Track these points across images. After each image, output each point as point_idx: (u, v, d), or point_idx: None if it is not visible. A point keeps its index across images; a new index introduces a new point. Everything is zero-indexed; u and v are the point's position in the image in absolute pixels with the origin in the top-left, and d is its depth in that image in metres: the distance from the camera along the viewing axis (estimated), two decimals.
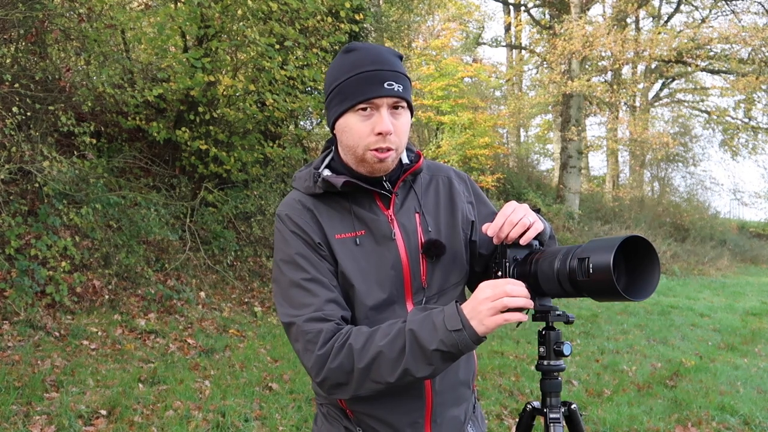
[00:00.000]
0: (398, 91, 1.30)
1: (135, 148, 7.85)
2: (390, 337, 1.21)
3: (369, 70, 1.29)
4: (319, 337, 1.24)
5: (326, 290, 1.30)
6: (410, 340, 1.20)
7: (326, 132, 10.34)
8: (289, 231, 1.35)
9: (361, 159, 1.33)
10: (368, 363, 1.21)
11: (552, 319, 1.32)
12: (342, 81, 1.31)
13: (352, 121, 1.31)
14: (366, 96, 1.28)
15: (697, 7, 20.34)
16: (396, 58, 1.35)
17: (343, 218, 1.36)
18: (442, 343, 1.18)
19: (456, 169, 1.56)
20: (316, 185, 1.36)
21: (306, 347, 1.26)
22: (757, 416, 4.50)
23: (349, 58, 1.32)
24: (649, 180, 23.78)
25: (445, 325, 1.18)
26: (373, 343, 1.22)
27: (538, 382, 1.37)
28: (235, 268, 7.73)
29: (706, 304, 10.66)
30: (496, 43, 23.95)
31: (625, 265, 1.22)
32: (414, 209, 1.41)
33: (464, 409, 1.45)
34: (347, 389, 1.25)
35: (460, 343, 1.18)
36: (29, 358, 4.56)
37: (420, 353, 1.19)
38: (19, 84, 5.77)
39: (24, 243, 5.47)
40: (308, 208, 1.36)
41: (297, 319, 1.27)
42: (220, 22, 7.08)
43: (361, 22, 8.57)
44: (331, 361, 1.23)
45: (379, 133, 1.29)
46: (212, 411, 4.04)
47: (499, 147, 17.29)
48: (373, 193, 1.38)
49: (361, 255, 1.34)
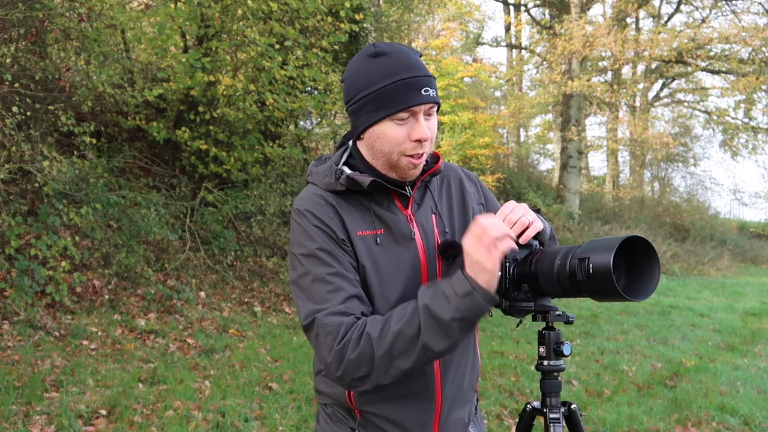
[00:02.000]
0: (434, 97, 1.30)
1: (135, 148, 7.86)
2: (406, 317, 1.21)
3: (407, 78, 1.28)
4: (339, 330, 1.23)
5: (350, 285, 1.29)
6: (425, 315, 1.19)
7: (326, 132, 10.34)
8: (312, 225, 1.32)
9: (395, 165, 1.33)
10: (388, 348, 1.20)
11: (552, 319, 1.32)
12: (377, 89, 1.28)
13: (388, 129, 1.29)
14: (407, 104, 1.27)
15: (697, 7, 20.33)
16: (420, 58, 1.35)
17: (364, 216, 1.35)
18: (457, 310, 1.17)
19: (465, 169, 1.57)
20: (338, 182, 1.34)
21: (325, 341, 1.24)
22: (757, 416, 4.50)
23: (381, 63, 1.30)
24: (649, 180, 23.79)
25: (455, 292, 1.18)
26: (389, 328, 1.21)
27: (538, 382, 1.37)
28: (235, 268, 7.73)
29: (706, 304, 10.66)
30: (496, 43, 23.97)
31: (625, 265, 1.22)
32: (431, 209, 1.42)
33: (468, 410, 1.46)
34: (369, 379, 1.23)
35: (474, 306, 1.17)
36: (29, 358, 4.56)
37: (437, 326, 1.18)
38: (19, 84, 5.77)
39: (24, 243, 5.47)
40: (330, 204, 1.34)
41: (319, 314, 1.25)
42: (220, 22, 7.08)
43: (361, 22, 8.57)
44: (350, 352, 1.21)
45: (417, 140, 1.29)
46: (212, 411, 4.04)
47: (499, 147, 17.29)
48: (392, 192, 1.38)
49: (381, 254, 1.33)
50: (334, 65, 8.74)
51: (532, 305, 1.33)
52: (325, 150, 11.21)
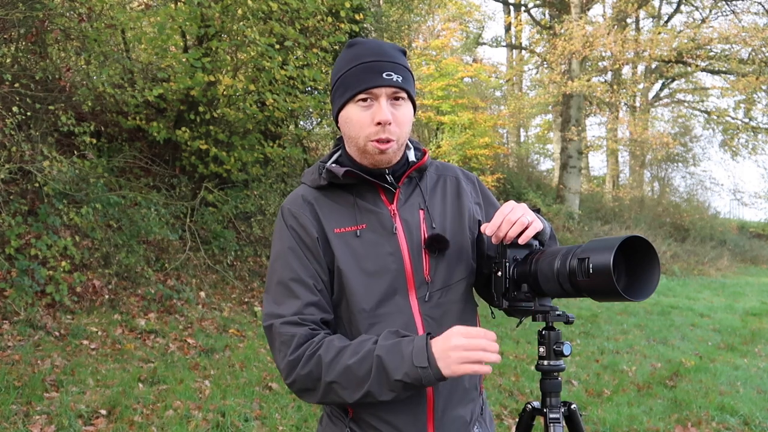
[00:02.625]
0: (397, 82, 1.31)
1: (135, 147, 7.85)
2: (358, 357, 1.23)
3: (368, 61, 1.31)
4: (293, 341, 1.27)
5: (309, 293, 1.32)
6: (377, 366, 1.22)
7: (326, 132, 10.35)
8: (285, 226, 1.37)
9: (363, 150, 1.34)
10: (334, 378, 1.24)
11: (552, 319, 1.32)
12: (343, 73, 1.34)
13: (353, 112, 1.32)
14: (364, 86, 1.29)
15: (697, 7, 20.32)
16: (398, 52, 1.37)
17: (346, 212, 1.37)
18: (407, 375, 1.20)
19: (464, 169, 1.57)
20: (321, 177, 1.38)
21: (279, 348, 1.29)
22: (757, 416, 4.50)
23: (352, 51, 1.35)
24: (649, 180, 23.78)
25: (412, 358, 1.20)
26: (341, 360, 1.24)
27: (538, 382, 1.37)
28: (235, 268, 7.73)
29: (706, 304, 10.66)
30: (496, 43, 23.94)
31: (625, 265, 1.22)
32: (419, 206, 1.42)
33: (470, 409, 1.45)
34: (314, 395, 1.29)
35: (423, 378, 1.20)
36: (29, 358, 4.56)
37: (384, 379, 1.22)
38: (20, 84, 5.77)
39: (24, 243, 5.47)
40: (309, 202, 1.37)
41: (275, 320, 1.30)
42: (220, 22, 7.07)
43: (361, 22, 8.57)
44: (301, 368, 1.26)
45: (378, 123, 1.30)
46: (212, 411, 4.04)
47: (499, 147, 17.28)
48: (378, 188, 1.39)
49: (361, 248, 1.34)
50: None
51: (532, 305, 1.33)
52: (325, 150, 11.22)
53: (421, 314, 1.35)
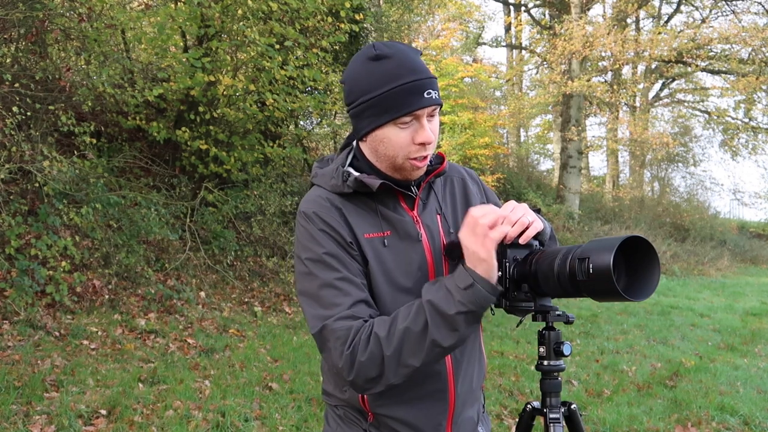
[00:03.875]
0: (437, 99, 1.30)
1: (135, 147, 7.86)
2: (411, 315, 1.21)
3: (409, 81, 1.27)
4: (349, 334, 1.23)
5: (357, 290, 1.29)
6: (430, 311, 1.20)
7: (326, 132, 10.34)
8: (317, 230, 1.32)
9: (399, 167, 1.33)
10: (397, 347, 1.20)
11: (552, 319, 1.32)
12: (379, 94, 1.27)
13: (391, 133, 1.29)
14: (410, 109, 1.26)
15: (697, 7, 20.33)
16: (421, 58, 1.34)
17: (370, 218, 1.35)
18: (461, 303, 1.18)
19: (466, 168, 1.57)
20: (345, 184, 1.34)
21: (335, 346, 1.24)
22: (757, 416, 4.50)
23: (382, 66, 1.28)
24: (649, 180, 23.78)
25: (457, 285, 1.19)
26: (396, 326, 1.21)
27: (538, 382, 1.37)
28: (235, 268, 7.73)
29: (706, 304, 10.66)
30: (496, 43, 23.93)
31: (625, 266, 1.22)
32: (435, 210, 1.42)
33: (476, 409, 1.47)
34: (381, 381, 1.23)
35: (477, 297, 1.18)
36: (29, 358, 4.56)
37: (443, 321, 1.19)
38: (20, 84, 5.77)
39: (24, 243, 5.47)
40: (336, 206, 1.34)
41: (328, 320, 1.25)
42: (220, 22, 7.07)
43: (361, 22, 8.57)
44: (360, 354, 1.21)
45: (421, 143, 1.29)
46: (212, 411, 4.04)
47: (499, 147, 17.29)
48: (398, 193, 1.38)
49: (389, 255, 1.33)
50: (335, 65, 8.74)
51: (532, 305, 1.33)
52: (325, 150, 11.20)
53: None
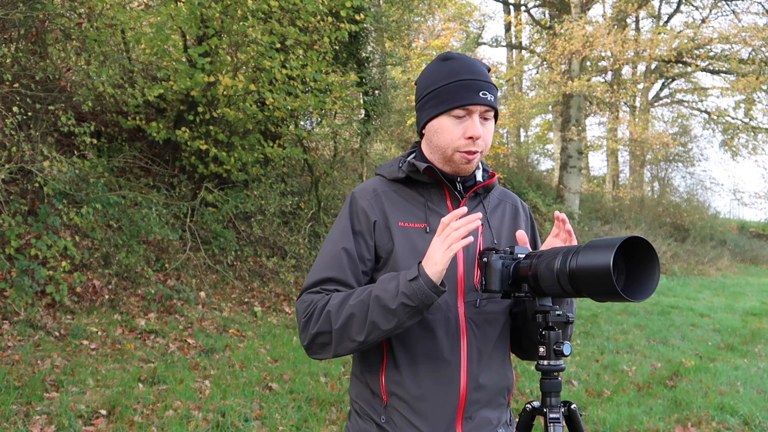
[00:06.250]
0: (491, 101, 1.43)
1: (135, 148, 7.85)
2: (359, 301, 1.33)
3: (467, 79, 1.42)
4: (308, 307, 1.40)
5: (338, 270, 1.43)
6: (374, 303, 1.31)
7: (326, 132, 10.34)
8: (347, 210, 1.49)
9: (449, 159, 1.45)
10: (342, 323, 1.33)
11: (552, 319, 1.32)
12: (440, 86, 1.43)
13: (445, 124, 1.43)
14: (463, 102, 1.40)
15: (697, 7, 20.33)
16: (487, 70, 1.49)
17: (413, 209, 1.48)
18: (404, 295, 1.28)
19: (523, 201, 1.68)
20: (400, 169, 1.49)
21: (298, 316, 1.43)
22: (757, 416, 4.50)
23: (447, 65, 1.45)
24: (649, 180, 23.78)
25: (405, 276, 1.30)
26: (346, 305, 1.34)
27: (538, 382, 1.37)
28: (235, 268, 7.73)
29: (706, 304, 10.66)
30: (496, 43, 23.92)
31: (625, 266, 1.22)
32: (479, 220, 1.47)
33: (497, 415, 1.49)
34: (329, 349, 1.38)
35: (418, 291, 1.27)
36: (29, 358, 4.56)
37: (383, 312, 1.30)
38: (20, 84, 5.78)
39: (24, 243, 5.47)
40: (378, 193, 1.49)
41: (303, 293, 1.45)
42: (220, 22, 7.07)
43: (361, 22, 8.56)
44: (313, 325, 1.38)
45: (470, 137, 1.41)
46: (212, 411, 4.04)
47: (499, 147, 17.27)
48: (447, 194, 1.50)
49: (421, 247, 1.42)
50: (335, 65, 8.74)
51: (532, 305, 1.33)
52: (325, 150, 11.23)
53: (465, 316, 1.43)
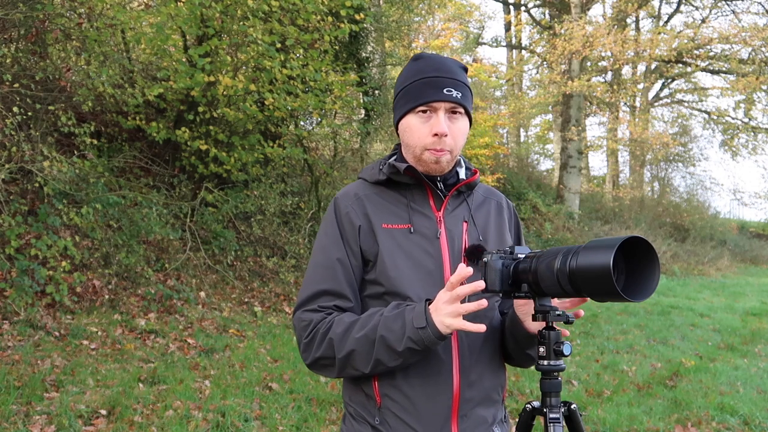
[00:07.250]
0: (456, 98, 1.41)
1: (135, 148, 7.85)
2: (365, 332, 1.34)
3: (430, 76, 1.42)
4: (308, 327, 1.40)
5: (332, 281, 1.43)
6: (380, 343, 1.32)
7: (326, 132, 10.35)
8: (333, 217, 1.48)
9: (419, 158, 1.44)
10: (347, 354, 1.35)
11: (552, 319, 1.32)
12: (407, 85, 1.45)
13: (413, 122, 1.44)
14: (426, 99, 1.41)
15: (697, 7, 20.33)
16: (460, 68, 1.47)
17: (395, 210, 1.47)
18: (410, 339, 1.29)
19: (508, 198, 1.66)
20: (381, 171, 1.49)
21: (298, 334, 1.44)
22: (757, 416, 4.50)
23: (417, 65, 1.47)
24: (649, 180, 23.80)
25: (413, 322, 1.29)
26: (350, 336, 1.35)
27: (538, 382, 1.37)
28: (235, 268, 7.73)
29: (706, 304, 10.66)
30: (496, 43, 23.91)
31: (624, 266, 1.22)
32: (463, 218, 1.50)
33: (492, 413, 1.49)
34: (332, 371, 1.40)
35: (425, 339, 1.28)
36: (29, 358, 4.56)
37: (388, 352, 1.32)
38: (20, 84, 5.77)
39: (24, 243, 5.47)
40: (359, 197, 1.48)
41: (299, 309, 1.45)
42: (220, 22, 7.06)
43: (361, 22, 8.56)
44: (315, 350, 1.39)
45: (436, 134, 1.40)
46: (212, 411, 4.04)
47: (499, 147, 17.28)
48: (429, 193, 1.48)
49: (407, 247, 1.43)
50: (335, 64, 8.74)
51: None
52: (325, 150, 11.23)
53: None
